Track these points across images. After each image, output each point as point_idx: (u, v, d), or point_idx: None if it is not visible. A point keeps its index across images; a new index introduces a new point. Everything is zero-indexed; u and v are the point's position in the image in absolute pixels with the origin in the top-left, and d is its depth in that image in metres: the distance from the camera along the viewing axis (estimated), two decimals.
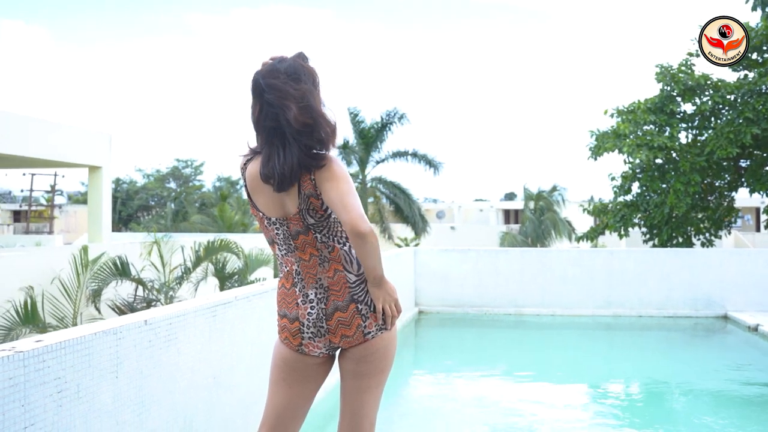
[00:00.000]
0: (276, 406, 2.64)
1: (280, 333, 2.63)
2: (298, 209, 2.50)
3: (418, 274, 10.72)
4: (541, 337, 9.81)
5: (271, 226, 2.57)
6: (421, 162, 28.32)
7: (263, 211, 2.57)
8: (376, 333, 2.55)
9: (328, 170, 2.45)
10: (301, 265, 2.55)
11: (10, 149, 11.99)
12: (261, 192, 2.54)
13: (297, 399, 2.64)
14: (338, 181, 2.44)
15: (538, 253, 11.11)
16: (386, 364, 2.61)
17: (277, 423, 2.63)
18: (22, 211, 40.30)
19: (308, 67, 2.54)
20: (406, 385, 7.27)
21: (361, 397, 2.59)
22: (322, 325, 2.53)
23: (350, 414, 2.61)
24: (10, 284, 9.63)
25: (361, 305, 2.53)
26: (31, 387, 2.42)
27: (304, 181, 2.47)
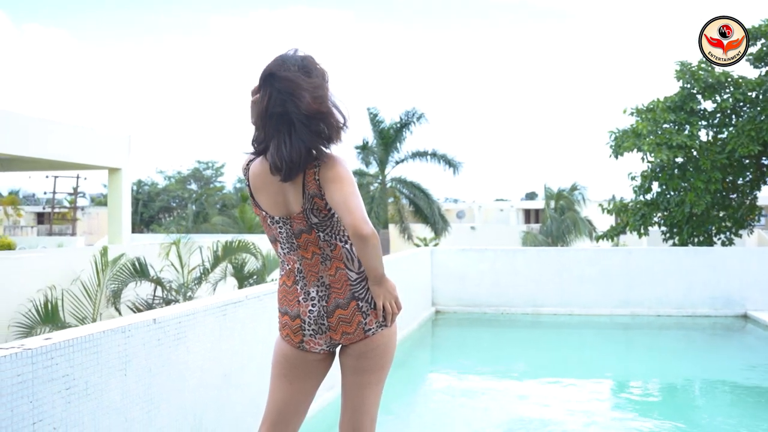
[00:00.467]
0: (277, 402, 2.66)
1: (281, 330, 2.66)
2: (302, 208, 2.52)
3: (435, 274, 10.72)
4: (559, 336, 9.78)
5: (274, 225, 2.60)
6: (441, 162, 28.30)
7: (266, 210, 2.60)
8: (376, 330, 2.58)
9: (332, 171, 2.47)
10: (303, 263, 2.58)
11: (30, 152, 12.15)
12: (265, 191, 2.57)
13: (298, 395, 2.67)
14: (342, 182, 2.46)
15: (556, 252, 11.06)
16: (386, 361, 2.63)
17: (279, 419, 2.66)
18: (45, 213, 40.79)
19: (319, 65, 2.58)
20: (424, 384, 7.28)
21: (362, 393, 2.61)
22: (323, 323, 2.56)
23: (351, 410, 2.63)
24: (32, 284, 9.77)
25: (361, 302, 2.55)
26: (39, 384, 2.47)
27: (309, 180, 2.49)
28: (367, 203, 27.43)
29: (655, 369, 7.85)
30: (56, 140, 12.70)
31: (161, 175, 52.17)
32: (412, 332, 9.15)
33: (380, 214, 27.60)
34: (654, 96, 16.06)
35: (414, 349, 8.70)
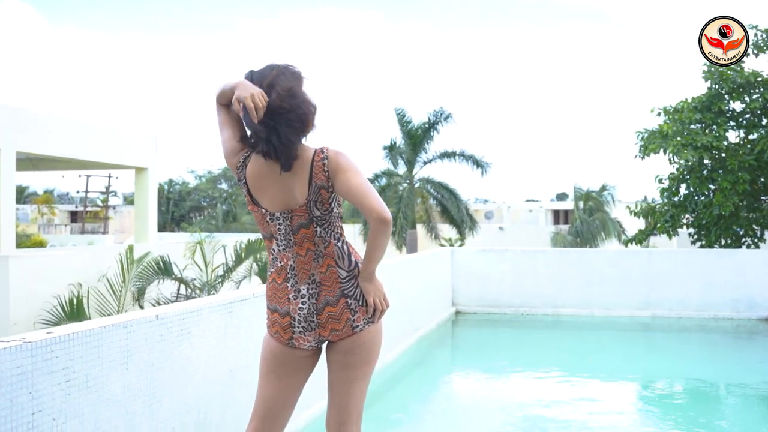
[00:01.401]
0: (266, 397, 2.73)
1: (270, 327, 2.73)
2: (306, 201, 2.59)
3: (456, 275, 10.74)
4: (579, 337, 9.75)
5: (273, 222, 2.66)
6: (469, 162, 28.22)
7: (267, 208, 2.66)
8: (363, 326, 2.65)
9: (343, 161, 2.58)
10: (296, 261, 2.65)
11: (59, 151, 12.40)
12: (267, 188, 2.63)
13: (286, 391, 2.74)
14: (356, 171, 2.59)
15: (576, 253, 11.02)
16: (372, 356, 2.70)
17: (268, 414, 2.73)
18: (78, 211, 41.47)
19: (293, 69, 2.67)
20: (443, 383, 7.29)
21: (349, 388, 2.68)
22: (313, 320, 2.63)
23: (338, 404, 2.70)
24: (59, 281, 9.99)
25: (350, 300, 2.62)
26: (38, 375, 2.56)
27: (317, 172, 2.57)
28: (395, 203, 27.48)
29: (676, 371, 7.79)
30: (83, 140, 12.93)
31: (192, 175, 52.78)
32: (431, 332, 9.19)
33: (408, 214, 27.62)
34: (684, 96, 15.90)
35: (433, 349, 8.75)
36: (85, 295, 9.65)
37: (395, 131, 28.36)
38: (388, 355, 7.26)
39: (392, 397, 6.50)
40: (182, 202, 50.37)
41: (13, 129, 11.16)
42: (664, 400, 6.70)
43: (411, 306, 8.43)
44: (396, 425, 5.67)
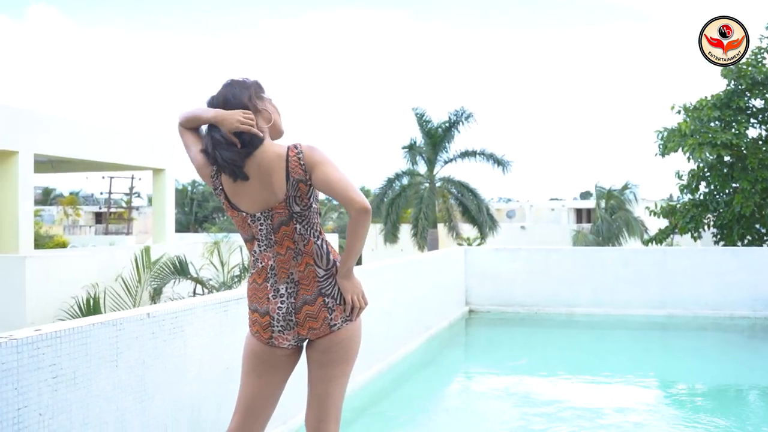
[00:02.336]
0: (247, 395, 2.78)
1: (251, 327, 2.78)
2: (285, 196, 2.63)
3: (469, 273, 10.74)
4: (594, 336, 9.70)
5: (254, 223, 2.70)
6: (489, 161, 28.15)
7: (246, 210, 2.70)
8: (341, 325, 2.68)
9: (318, 154, 2.63)
10: (276, 260, 2.69)
11: (78, 153, 12.57)
12: (244, 190, 2.68)
13: (266, 389, 2.78)
14: (332, 164, 2.63)
15: (590, 252, 10.97)
16: (351, 355, 2.72)
17: (249, 412, 2.77)
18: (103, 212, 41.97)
19: (243, 82, 2.82)
20: (452, 383, 7.26)
21: (327, 386, 2.71)
22: (291, 319, 2.67)
23: (317, 402, 2.73)
24: (76, 281, 10.14)
25: (328, 299, 2.65)
26: (24, 372, 2.62)
27: (294, 166, 2.61)
28: (416, 203, 27.49)
29: (693, 370, 7.71)
30: (100, 142, 13.10)
31: None
32: (442, 331, 9.19)
33: (429, 214, 27.62)
34: (703, 93, 15.71)
35: (444, 348, 8.74)
36: (102, 295, 9.79)
37: (415, 131, 28.38)
38: (395, 354, 7.28)
39: (399, 396, 6.52)
40: (205, 203, 50.78)
41: (30, 131, 11.34)
42: (681, 400, 6.61)
43: (421, 305, 8.45)
44: (402, 424, 5.68)
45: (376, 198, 29.22)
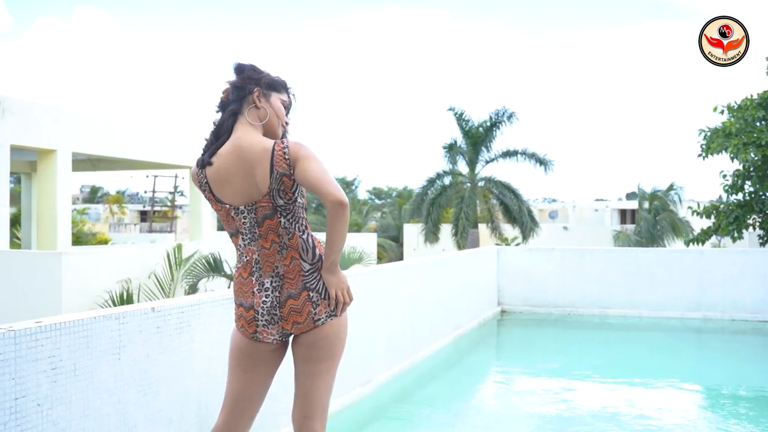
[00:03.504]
0: (233, 390, 2.79)
1: (236, 321, 2.79)
2: (269, 189, 2.64)
3: (501, 273, 10.66)
4: (627, 338, 9.54)
5: (238, 216, 2.72)
6: (531, 161, 27.91)
7: (230, 203, 2.72)
8: (325, 320, 2.67)
9: (303, 149, 2.63)
10: (261, 254, 2.70)
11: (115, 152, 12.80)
12: (228, 183, 2.70)
13: (252, 384, 2.78)
14: (315, 159, 2.63)
15: (624, 252, 10.80)
16: (336, 350, 2.71)
17: (235, 406, 2.78)
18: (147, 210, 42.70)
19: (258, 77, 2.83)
20: (482, 384, 7.16)
21: (313, 381, 2.70)
22: (276, 313, 2.67)
23: (302, 397, 2.72)
24: (111, 277, 10.33)
25: (312, 293, 2.65)
26: (22, 363, 2.67)
27: (278, 160, 2.62)
28: (457, 203, 27.39)
29: (731, 375, 7.51)
30: (137, 140, 13.29)
31: None
32: (472, 331, 9.14)
33: (470, 214, 27.50)
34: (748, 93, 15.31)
35: (475, 349, 8.68)
36: (136, 291, 9.95)
37: (453, 130, 28.30)
38: (419, 354, 7.25)
39: (421, 396, 6.48)
40: None
41: (68, 130, 11.59)
42: (717, 405, 6.41)
43: (449, 304, 8.40)
44: (421, 425, 5.65)
45: (417, 197, 29.23)
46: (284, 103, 2.87)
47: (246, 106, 2.78)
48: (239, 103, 2.79)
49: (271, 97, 2.81)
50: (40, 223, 11.49)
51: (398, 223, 39.84)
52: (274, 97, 2.82)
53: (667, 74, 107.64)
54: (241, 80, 2.81)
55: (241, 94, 2.78)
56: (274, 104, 2.82)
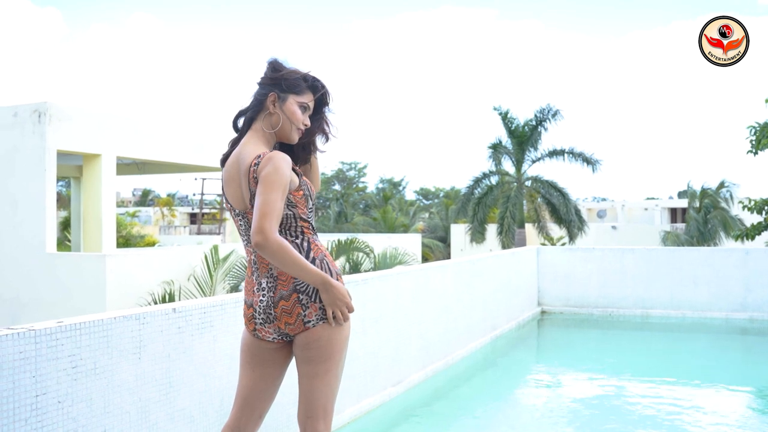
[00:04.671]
0: (243, 388, 2.84)
1: (244, 318, 2.84)
2: (251, 203, 2.70)
3: (542, 274, 10.57)
4: (670, 339, 9.37)
5: (236, 218, 2.80)
6: (578, 160, 27.59)
7: (231, 203, 2.78)
8: (316, 322, 2.68)
9: (263, 171, 2.61)
10: (257, 255, 2.75)
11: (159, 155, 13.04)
12: (231, 183, 2.77)
13: (259, 382, 2.82)
14: (267, 183, 2.57)
15: (666, 252, 10.59)
16: (331, 353, 2.70)
17: (245, 404, 2.83)
18: (197, 213, 43.37)
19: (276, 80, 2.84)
20: (519, 385, 7.09)
21: (311, 383, 2.72)
22: (270, 312, 2.71)
23: (304, 398, 2.75)
24: (154, 278, 10.54)
25: (302, 295, 2.67)
26: (42, 361, 2.76)
27: (251, 177, 2.66)
28: (503, 203, 27.23)
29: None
30: (185, 144, 13.51)
31: None
32: (510, 331, 9.08)
33: (516, 214, 27.33)
34: None
35: (513, 349, 8.60)
36: (177, 292, 10.14)
37: (498, 130, 28.14)
38: (454, 354, 7.24)
39: (455, 397, 6.46)
40: None
41: (112, 135, 11.86)
42: (762, 409, 6.21)
43: (486, 305, 8.37)
44: (453, 425, 5.64)
45: (463, 197, 29.14)
46: (303, 105, 2.83)
47: (262, 112, 2.81)
48: (255, 109, 2.82)
49: (287, 101, 2.79)
50: (86, 225, 11.79)
51: (445, 223, 39.78)
52: (290, 101, 2.80)
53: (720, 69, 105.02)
54: (262, 81, 2.85)
55: (259, 97, 2.82)
56: (288, 109, 2.79)
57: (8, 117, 10.83)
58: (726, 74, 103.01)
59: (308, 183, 2.82)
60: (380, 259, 13.28)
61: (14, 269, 10.88)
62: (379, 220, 38.02)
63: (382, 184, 54.18)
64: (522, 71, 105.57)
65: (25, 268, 10.75)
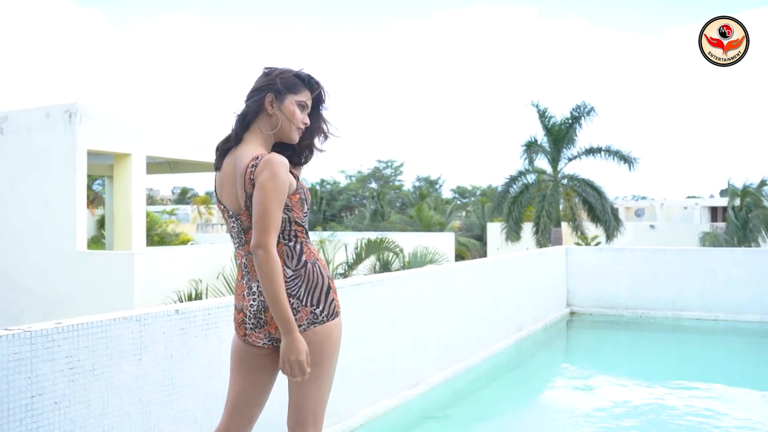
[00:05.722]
0: (232, 393, 2.80)
1: (233, 323, 2.80)
2: (245, 206, 2.66)
3: (571, 274, 10.42)
4: (703, 343, 9.16)
5: (230, 219, 2.75)
6: (615, 158, 27.23)
7: (225, 204, 2.75)
8: (307, 326, 2.63)
9: (260, 176, 2.57)
10: (248, 258, 2.71)
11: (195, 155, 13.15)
12: (226, 183, 2.73)
13: (248, 388, 2.78)
14: (265, 189, 2.54)
15: (698, 252, 10.37)
16: (322, 358, 2.65)
17: (234, 410, 2.79)
18: None
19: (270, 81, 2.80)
20: (543, 387, 6.98)
21: (301, 388, 2.67)
22: (261, 317, 2.67)
23: (293, 404, 2.71)
24: (182, 276, 10.63)
25: (292, 299, 2.62)
26: (38, 362, 2.77)
27: (247, 180, 2.62)
28: (539, 201, 26.98)
29: None
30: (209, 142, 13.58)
31: (343, 175, 54.24)
32: (537, 332, 8.96)
33: (552, 212, 27.06)
34: None
35: (539, 351, 8.48)
36: (204, 291, 10.20)
37: (534, 128, 27.86)
38: (476, 356, 7.16)
39: (476, 399, 6.38)
40: (333, 202, 51.85)
41: (142, 135, 11.98)
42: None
43: (511, 305, 8.27)
44: (471, 428, 5.57)
45: (498, 196, 28.96)
46: (301, 103, 2.80)
47: (260, 113, 2.77)
48: (253, 112, 2.77)
49: (285, 101, 2.76)
50: (117, 224, 11.95)
51: (482, 222, 39.57)
52: (288, 101, 2.76)
53: (762, 64, 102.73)
54: (257, 83, 2.82)
55: (257, 100, 2.78)
56: (287, 109, 2.76)
57: (41, 117, 11.02)
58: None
59: (304, 187, 2.78)
60: (410, 258, 13.19)
61: (46, 267, 11.07)
62: (415, 218, 37.93)
63: (418, 183, 54.08)
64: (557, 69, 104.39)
65: (57, 266, 10.93)
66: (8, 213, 11.69)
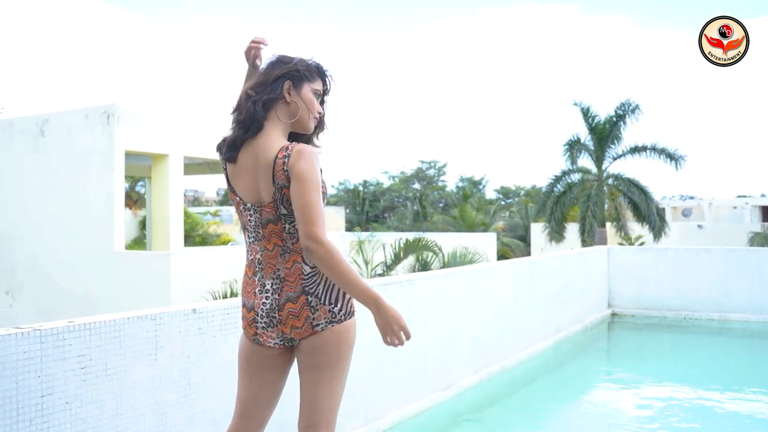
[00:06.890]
0: (241, 395, 2.70)
1: (242, 322, 2.70)
2: (272, 198, 2.54)
3: (612, 275, 10.18)
4: (750, 346, 8.88)
5: (245, 212, 2.64)
6: (661, 156, 26.69)
7: (241, 196, 2.64)
8: (325, 326, 2.53)
9: (297, 166, 2.46)
10: (264, 255, 2.60)
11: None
12: (240, 178, 2.62)
13: (258, 389, 2.68)
14: (306, 180, 2.45)
15: (745, 252, 10.03)
16: (338, 358, 2.55)
17: (244, 412, 2.70)
18: None
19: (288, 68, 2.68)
20: (581, 391, 6.78)
21: (315, 390, 2.56)
22: (275, 316, 2.56)
23: (306, 406, 2.60)
24: (218, 276, 10.64)
25: (311, 297, 2.52)
26: (49, 361, 2.72)
27: (278, 170, 2.50)
28: (584, 201, 26.59)
29: None
30: None
31: (386, 175, 54.20)
32: (576, 334, 8.76)
33: (597, 212, 26.64)
34: None
35: (578, 353, 8.29)
36: (239, 291, 10.17)
37: (577, 126, 27.47)
38: (512, 358, 6.99)
39: (511, 401, 6.26)
40: (376, 202, 51.85)
41: (179, 135, 12.05)
42: None
43: (549, 306, 8.09)
44: (505, 430, 5.43)
45: (543, 195, 28.66)
46: (317, 92, 2.72)
47: (278, 101, 2.67)
48: (270, 100, 2.66)
49: (303, 89, 2.67)
50: (155, 224, 12.03)
51: (525, 222, 39.17)
52: (305, 89, 2.67)
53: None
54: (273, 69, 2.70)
55: (274, 86, 2.67)
56: (306, 96, 2.67)
57: (80, 119, 11.15)
58: None
59: (324, 181, 2.68)
60: (450, 258, 13.06)
61: (85, 267, 11.19)
62: (458, 219, 37.72)
63: (461, 183, 53.76)
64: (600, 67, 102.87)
65: (96, 266, 11.04)
66: (49, 214, 11.86)
